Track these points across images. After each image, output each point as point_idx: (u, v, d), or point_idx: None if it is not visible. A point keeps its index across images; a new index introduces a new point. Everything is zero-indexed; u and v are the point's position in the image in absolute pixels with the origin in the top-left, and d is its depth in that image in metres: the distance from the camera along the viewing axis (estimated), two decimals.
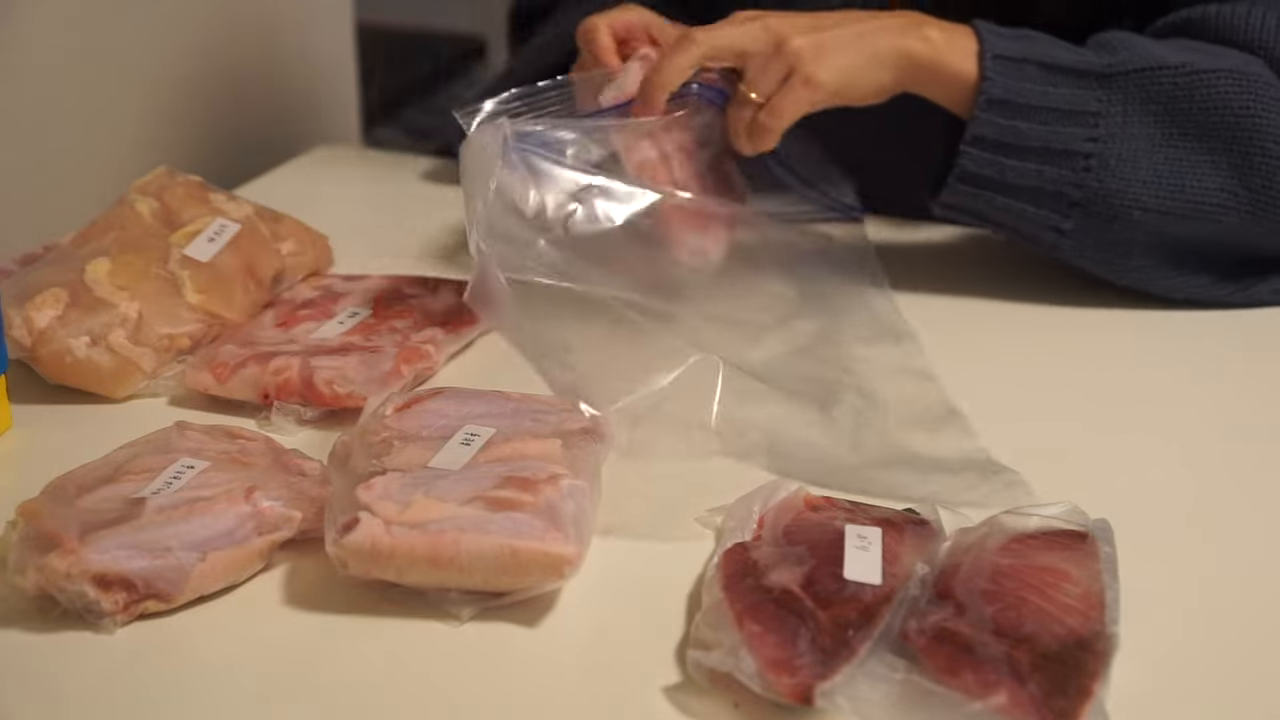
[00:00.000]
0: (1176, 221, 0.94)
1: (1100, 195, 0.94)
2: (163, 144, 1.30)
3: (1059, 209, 0.95)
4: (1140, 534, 0.72)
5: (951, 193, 0.96)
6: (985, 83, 0.92)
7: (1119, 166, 0.93)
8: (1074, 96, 0.93)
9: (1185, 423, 0.87)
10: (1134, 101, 0.93)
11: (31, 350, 0.84)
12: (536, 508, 0.67)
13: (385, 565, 0.66)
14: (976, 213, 0.97)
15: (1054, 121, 0.93)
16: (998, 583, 0.65)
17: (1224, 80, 0.93)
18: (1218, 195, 0.94)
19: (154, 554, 0.65)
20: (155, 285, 0.89)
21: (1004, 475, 0.77)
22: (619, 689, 0.63)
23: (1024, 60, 0.93)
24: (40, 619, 0.66)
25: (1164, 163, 0.93)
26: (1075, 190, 0.94)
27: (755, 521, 0.71)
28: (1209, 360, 0.95)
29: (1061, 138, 0.93)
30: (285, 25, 1.48)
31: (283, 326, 0.92)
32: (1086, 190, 0.94)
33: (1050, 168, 0.94)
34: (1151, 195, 0.94)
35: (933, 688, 0.59)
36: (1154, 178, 0.93)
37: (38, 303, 0.85)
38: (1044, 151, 0.93)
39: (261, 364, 0.84)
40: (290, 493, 0.71)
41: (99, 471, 0.72)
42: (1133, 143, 0.93)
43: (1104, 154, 0.93)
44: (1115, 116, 0.93)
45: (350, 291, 0.97)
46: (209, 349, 0.88)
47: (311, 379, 0.83)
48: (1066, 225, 0.95)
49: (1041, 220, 0.96)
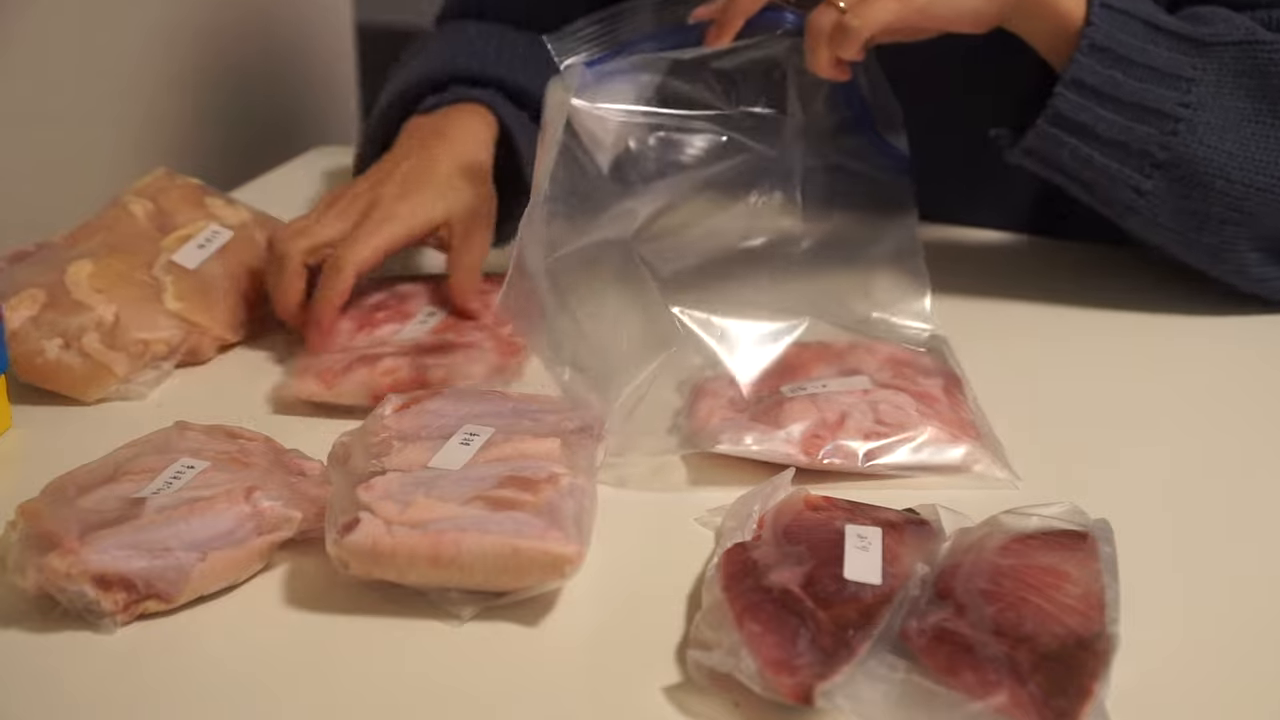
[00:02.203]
0: (1257, 197, 0.93)
1: (1185, 159, 0.93)
2: (162, 144, 1.30)
3: (1142, 168, 0.93)
4: (1141, 534, 0.72)
5: (1039, 136, 0.94)
6: (1090, 27, 0.91)
7: (1206, 134, 0.92)
8: (1172, 59, 0.92)
9: (1186, 423, 0.87)
10: (1228, 73, 0.92)
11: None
12: (537, 507, 0.67)
13: (386, 565, 0.66)
14: (1057, 162, 0.95)
15: (1150, 80, 0.92)
16: (998, 583, 0.65)
17: None
18: None
19: (154, 554, 0.65)
20: (136, 290, 0.88)
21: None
22: (619, 689, 0.63)
23: (1129, 14, 0.92)
24: (40, 619, 0.66)
25: (1252, 137, 0.93)
26: (1161, 151, 0.93)
27: (755, 521, 0.71)
28: (1210, 361, 0.95)
29: (1155, 96, 0.92)
30: (285, 26, 1.48)
31: (364, 330, 0.91)
32: (1172, 152, 0.93)
33: (1140, 125, 0.92)
34: (1236, 166, 0.93)
35: (933, 688, 0.59)
36: (1240, 150, 0.93)
37: (13, 303, 0.85)
38: (1137, 107, 0.92)
39: (369, 366, 0.84)
40: (290, 493, 0.71)
41: (99, 471, 0.72)
42: (1223, 113, 0.93)
43: (1193, 120, 0.92)
44: (1209, 84, 0.92)
45: (417, 292, 0.96)
46: (303, 360, 0.88)
47: (425, 377, 0.84)
48: (1146, 185, 0.94)
49: (1123, 178, 0.94)
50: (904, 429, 0.79)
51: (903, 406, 0.80)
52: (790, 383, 0.82)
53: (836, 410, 0.79)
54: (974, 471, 0.79)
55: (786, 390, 0.81)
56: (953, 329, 0.93)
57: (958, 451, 0.79)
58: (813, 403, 0.80)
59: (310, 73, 1.54)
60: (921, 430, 0.79)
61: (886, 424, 0.79)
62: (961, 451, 0.79)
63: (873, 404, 0.80)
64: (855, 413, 0.79)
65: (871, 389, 0.81)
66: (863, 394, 0.81)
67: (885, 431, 0.78)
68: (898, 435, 0.78)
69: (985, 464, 0.79)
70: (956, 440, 0.79)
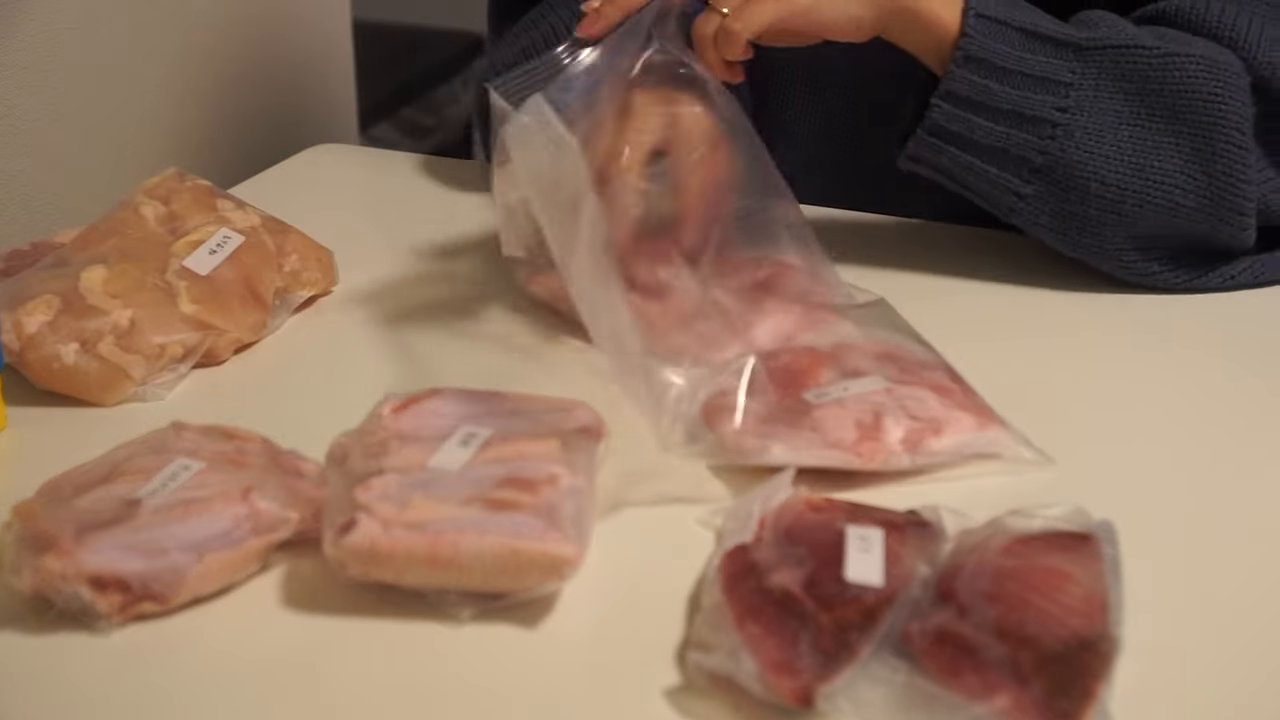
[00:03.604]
0: (1133, 199, 0.95)
1: (1062, 164, 0.95)
2: (160, 142, 1.30)
3: (1020, 173, 0.96)
4: (1144, 536, 0.71)
5: (919, 145, 0.97)
6: (964, 39, 0.93)
7: (1084, 138, 0.94)
8: (1049, 65, 0.94)
9: (1189, 425, 0.87)
10: (1106, 76, 0.94)
11: (20, 355, 0.84)
12: (536, 508, 0.66)
13: (384, 566, 0.66)
14: (939, 167, 0.98)
15: (1027, 87, 0.94)
16: (1000, 584, 0.64)
17: (1195, 66, 0.94)
18: (1177, 178, 0.95)
19: (150, 555, 0.65)
20: (150, 294, 0.88)
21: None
22: (619, 690, 0.63)
23: (1005, 23, 0.93)
24: (36, 620, 0.65)
25: (1128, 140, 0.95)
26: (1038, 156, 0.95)
27: (755, 522, 0.71)
28: (1213, 362, 0.95)
29: (1032, 103, 0.94)
30: (284, 23, 1.48)
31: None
32: (1049, 157, 0.95)
33: (1017, 131, 0.94)
34: (1112, 170, 0.95)
35: (935, 690, 0.59)
36: (1116, 153, 0.95)
37: (29, 308, 0.85)
38: (1013, 115, 0.94)
39: None
40: (287, 493, 0.70)
41: (95, 472, 0.71)
42: (1100, 116, 0.94)
43: (1070, 124, 0.94)
44: (1087, 89, 0.94)
45: None
46: None
47: None
48: (1026, 190, 0.96)
49: (1003, 183, 0.96)
50: (937, 422, 0.79)
51: (926, 400, 0.80)
52: (809, 389, 0.82)
53: (869, 412, 0.79)
54: (1005, 456, 0.79)
55: (810, 396, 0.81)
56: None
57: (990, 437, 0.80)
58: (842, 407, 0.80)
59: (309, 72, 1.54)
60: (952, 421, 0.80)
61: (920, 419, 0.79)
62: (993, 436, 0.80)
63: (899, 401, 0.80)
64: (888, 413, 0.79)
65: (892, 387, 0.82)
66: (886, 393, 0.81)
67: (921, 427, 0.79)
68: (934, 429, 0.79)
69: (1011, 446, 0.80)
70: (986, 426, 0.80)
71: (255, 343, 0.94)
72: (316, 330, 0.97)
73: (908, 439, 0.78)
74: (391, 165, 1.34)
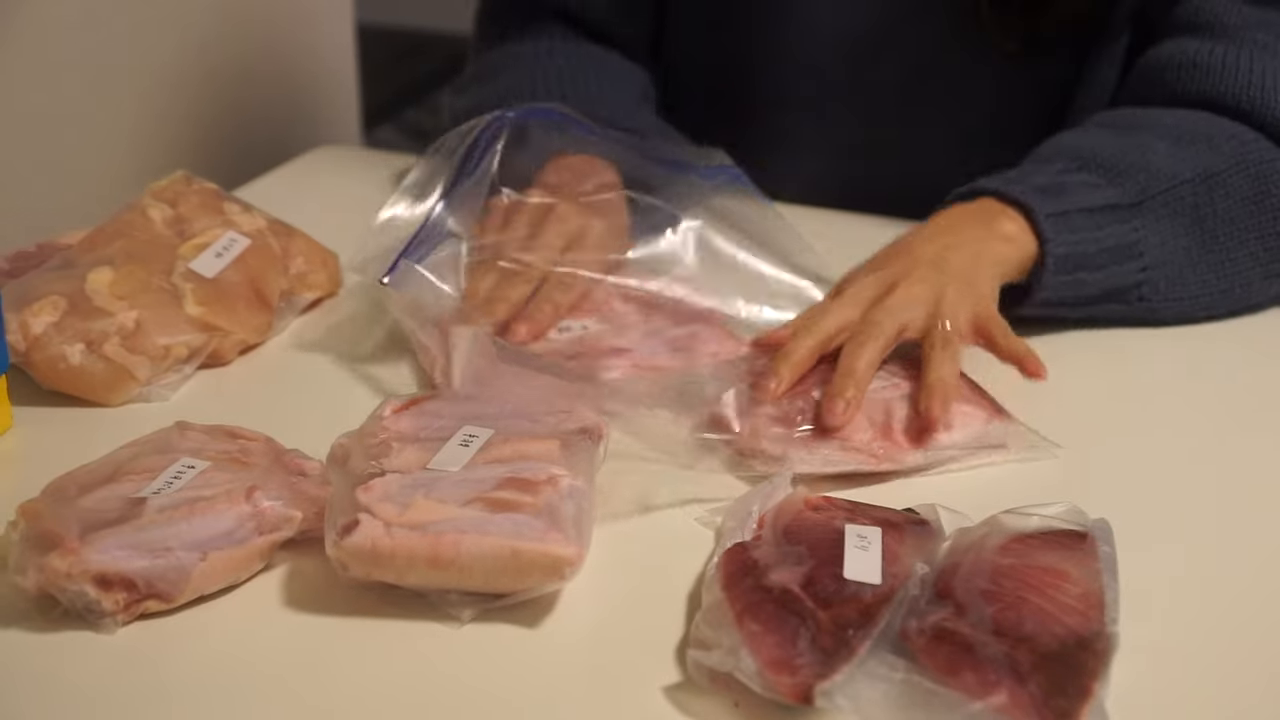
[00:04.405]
0: (1225, 313, 0.98)
1: (1157, 315, 0.97)
2: (163, 144, 1.30)
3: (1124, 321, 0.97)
4: (1140, 534, 0.72)
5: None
6: (1048, 243, 0.91)
7: (1169, 288, 0.96)
8: (1118, 232, 0.94)
9: (1185, 422, 0.87)
10: (1164, 220, 0.95)
11: (26, 355, 0.85)
12: (536, 509, 0.67)
13: (385, 567, 0.66)
14: None
15: (1108, 262, 0.94)
16: (997, 582, 0.65)
17: (1237, 177, 0.96)
18: (1261, 284, 0.98)
19: (154, 554, 0.66)
20: (156, 296, 0.89)
21: None
22: (619, 689, 0.63)
23: (1067, 212, 0.92)
24: (41, 619, 0.66)
25: (1207, 270, 0.96)
26: (1134, 318, 0.97)
27: (755, 521, 0.71)
28: (1209, 360, 0.95)
29: (1116, 276, 0.94)
30: (286, 26, 1.48)
31: None
32: (1144, 312, 0.96)
33: (1112, 304, 0.96)
34: (1203, 304, 0.97)
35: (933, 687, 0.59)
36: (1201, 288, 0.97)
37: (35, 309, 0.85)
38: (1104, 295, 0.95)
39: None
40: (291, 492, 0.71)
41: (99, 471, 0.72)
42: (1174, 260, 0.96)
43: (1154, 280, 0.95)
44: (1154, 241, 0.95)
45: None
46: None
47: None
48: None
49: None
50: (947, 417, 0.80)
51: None
52: (818, 387, 0.81)
53: (880, 410, 0.80)
54: (1009, 448, 0.81)
55: (820, 395, 0.80)
56: None
57: (998, 429, 0.81)
58: None
59: (310, 73, 1.54)
60: (961, 415, 0.80)
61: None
62: (1000, 428, 0.81)
63: (906, 398, 0.81)
64: (897, 410, 0.80)
65: (898, 383, 0.82)
66: (893, 388, 0.82)
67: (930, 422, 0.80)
68: (944, 425, 0.80)
69: (1018, 438, 0.81)
70: (993, 418, 0.81)
71: (260, 344, 0.94)
72: (321, 332, 0.97)
73: (920, 437, 0.79)
74: (394, 167, 1.34)
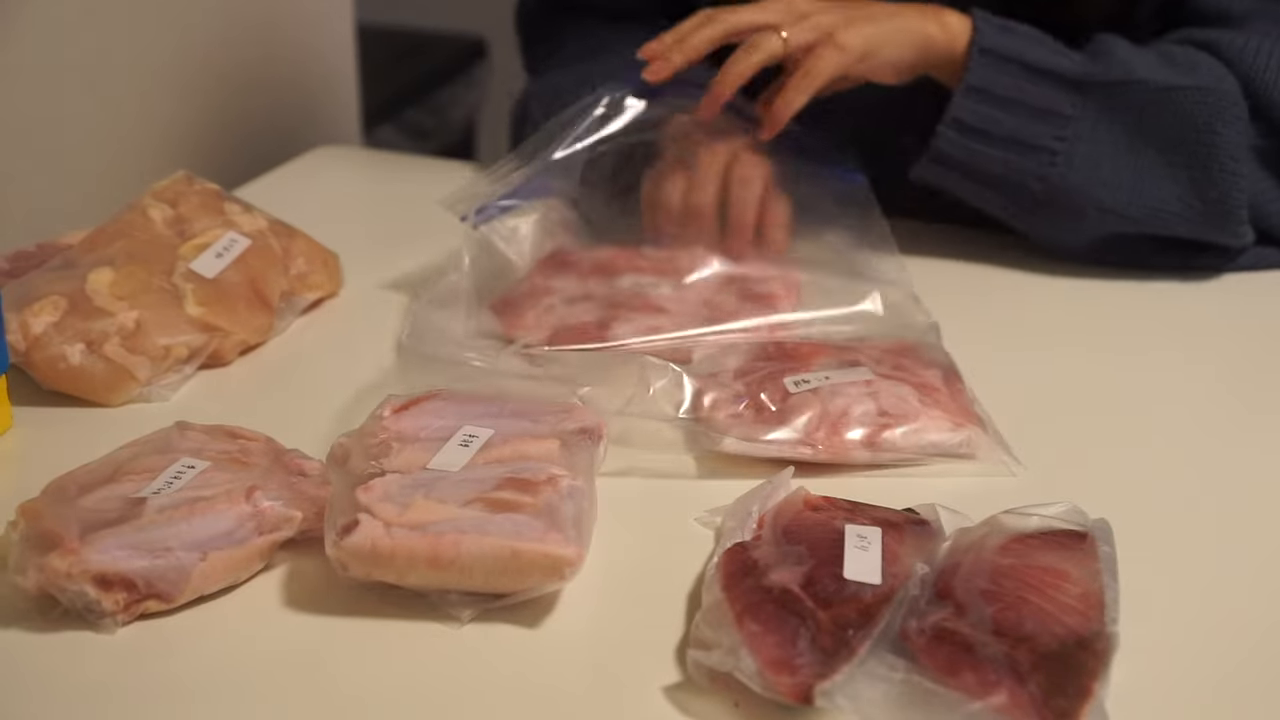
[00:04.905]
0: (1127, 223, 1.00)
1: (1061, 190, 0.99)
2: (163, 144, 1.30)
3: (1020, 198, 1.01)
4: (1140, 534, 0.72)
5: (923, 169, 1.02)
6: (967, 72, 0.98)
7: (1082, 165, 0.99)
8: (1050, 97, 0.98)
9: (1185, 422, 0.87)
10: (1104, 110, 0.98)
11: (26, 355, 0.85)
12: (536, 509, 0.67)
13: (385, 567, 0.66)
14: (947, 189, 1.03)
15: (1026, 117, 0.98)
16: (997, 582, 0.65)
17: (1192, 97, 0.98)
18: (1174, 204, 0.99)
19: (154, 554, 0.66)
20: (156, 296, 0.89)
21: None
22: (619, 689, 0.63)
23: (1008, 58, 0.98)
24: (41, 619, 0.66)
25: (1126, 169, 0.99)
26: (1038, 183, 1.00)
27: (755, 521, 0.71)
28: (1210, 361, 0.95)
29: (1031, 132, 0.98)
30: (286, 26, 1.48)
31: None
32: (1048, 184, 0.99)
33: (1018, 158, 0.99)
34: (1110, 196, 0.99)
35: (933, 687, 0.59)
36: (1114, 180, 0.99)
37: (35, 309, 0.85)
38: (1013, 142, 0.99)
39: None
40: (290, 492, 0.71)
41: (99, 471, 0.72)
42: (1099, 146, 0.99)
43: (1070, 152, 0.98)
44: (1086, 121, 0.98)
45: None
46: None
47: None
48: (1024, 213, 1.02)
49: (1001, 206, 1.02)
50: (906, 418, 0.80)
51: (905, 397, 0.81)
52: (792, 375, 0.83)
53: (840, 403, 0.80)
54: (976, 458, 0.80)
55: (789, 383, 0.82)
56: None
57: (959, 437, 0.80)
58: (816, 396, 0.81)
59: (310, 73, 1.54)
60: (923, 418, 0.80)
61: (890, 414, 0.80)
62: (963, 437, 0.80)
63: (874, 394, 0.81)
64: (857, 405, 0.80)
65: (874, 379, 0.82)
66: (865, 384, 0.82)
67: (889, 421, 0.79)
68: (900, 424, 0.79)
69: (986, 450, 0.80)
70: (959, 427, 0.80)
71: (261, 344, 0.94)
72: (321, 332, 0.97)
73: (868, 433, 0.79)
74: (395, 167, 1.35)
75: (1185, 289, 1.03)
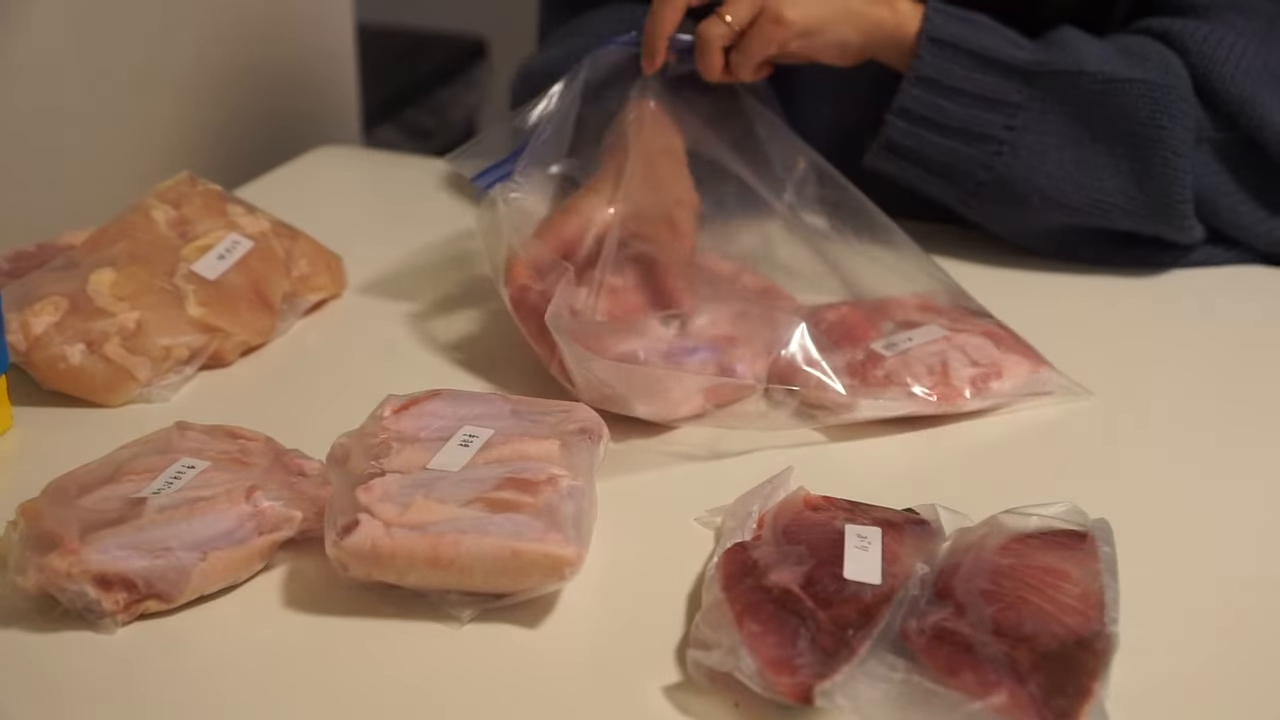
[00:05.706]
0: (1070, 214, 1.01)
1: (1006, 180, 1.00)
2: (163, 143, 1.30)
3: (967, 186, 1.02)
4: (1140, 534, 0.72)
5: (874, 156, 1.03)
6: (916, 60, 0.98)
7: (1027, 155, 0.99)
8: (998, 86, 0.99)
9: (1185, 423, 0.87)
10: (1052, 100, 0.99)
11: (27, 355, 0.85)
12: (536, 509, 0.67)
13: (386, 567, 0.66)
14: (897, 177, 1.04)
15: (975, 106, 0.99)
16: (997, 582, 0.65)
17: (1138, 90, 0.98)
18: (1115, 197, 1.00)
19: (155, 554, 0.66)
20: (158, 297, 0.89)
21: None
22: (619, 689, 0.63)
23: (958, 46, 0.98)
24: (41, 619, 0.66)
25: (1070, 160, 1.00)
26: (984, 171, 1.00)
27: (755, 521, 0.71)
28: (1210, 362, 0.95)
29: (980, 121, 0.99)
30: (286, 26, 1.48)
31: None
32: (994, 172, 1.00)
33: (965, 147, 1.00)
34: (1052, 186, 1.00)
35: (933, 687, 0.59)
36: (1058, 171, 1.00)
37: (36, 309, 0.85)
38: (961, 131, 1.00)
39: None
40: (291, 492, 0.71)
41: (99, 471, 0.72)
42: (1045, 137, 0.99)
43: (1015, 141, 0.99)
44: (1034, 111, 0.99)
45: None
46: None
47: None
48: (972, 202, 1.03)
49: (949, 194, 1.03)
50: (995, 365, 0.85)
51: (983, 346, 0.86)
52: (872, 340, 0.87)
53: (936, 360, 0.85)
54: (1053, 393, 0.85)
55: (880, 348, 0.86)
56: None
57: (1041, 376, 0.86)
58: (911, 357, 0.85)
59: (310, 73, 1.54)
60: (1010, 364, 0.85)
61: (981, 364, 0.85)
62: (1043, 375, 0.86)
63: (959, 348, 0.86)
64: (953, 359, 0.85)
65: (951, 334, 0.87)
66: (946, 340, 0.87)
67: (985, 371, 0.85)
68: (996, 373, 0.85)
69: (1057, 384, 0.86)
70: (1038, 368, 0.86)
71: (262, 345, 0.94)
72: (323, 333, 0.97)
73: (974, 383, 0.84)
74: (395, 167, 1.35)
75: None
